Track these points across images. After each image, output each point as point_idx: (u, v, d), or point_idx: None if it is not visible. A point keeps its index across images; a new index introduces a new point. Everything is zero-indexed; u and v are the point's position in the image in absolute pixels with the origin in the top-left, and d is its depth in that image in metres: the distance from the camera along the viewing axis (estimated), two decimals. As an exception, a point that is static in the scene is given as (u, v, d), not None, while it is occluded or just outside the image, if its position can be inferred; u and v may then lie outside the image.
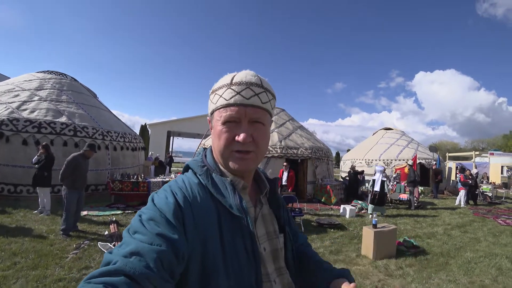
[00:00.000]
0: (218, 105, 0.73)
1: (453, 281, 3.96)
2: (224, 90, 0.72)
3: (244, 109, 0.71)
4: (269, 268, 0.76)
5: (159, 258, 0.56)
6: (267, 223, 0.82)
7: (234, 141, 0.71)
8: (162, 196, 0.68)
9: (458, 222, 7.87)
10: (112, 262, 0.55)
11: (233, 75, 0.74)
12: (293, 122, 12.69)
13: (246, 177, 0.79)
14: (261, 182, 0.86)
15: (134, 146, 10.90)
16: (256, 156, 0.74)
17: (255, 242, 0.71)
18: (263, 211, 0.82)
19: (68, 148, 8.23)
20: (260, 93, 0.73)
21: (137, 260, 0.55)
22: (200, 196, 0.69)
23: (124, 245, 0.59)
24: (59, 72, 11.17)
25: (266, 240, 0.79)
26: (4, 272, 3.48)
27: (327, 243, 5.51)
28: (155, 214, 0.63)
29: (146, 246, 0.57)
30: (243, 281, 0.66)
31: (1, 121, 7.73)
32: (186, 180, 0.74)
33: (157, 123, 27.74)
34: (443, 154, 22.64)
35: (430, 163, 14.71)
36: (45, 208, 6.27)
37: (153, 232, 0.59)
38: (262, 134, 0.74)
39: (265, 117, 0.75)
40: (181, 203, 0.66)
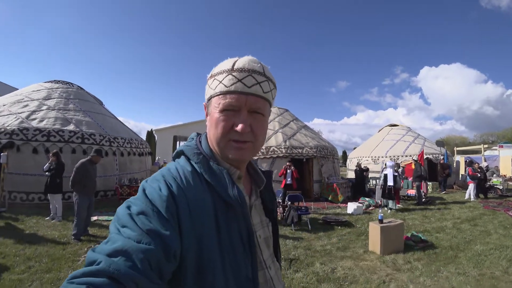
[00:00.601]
0: (217, 91, 0.69)
1: (462, 273, 3.94)
2: (224, 76, 0.68)
3: (245, 98, 0.67)
4: (264, 255, 0.77)
5: (146, 258, 0.52)
6: (260, 211, 0.82)
7: (231, 130, 0.68)
8: (155, 186, 0.63)
9: (467, 215, 7.79)
10: (96, 262, 0.51)
11: (235, 60, 0.70)
12: (297, 122, 12.72)
13: (241, 166, 0.76)
14: (256, 175, 0.84)
15: (140, 151, 11.06)
16: (254, 147, 0.71)
17: (251, 233, 0.69)
18: (256, 200, 0.82)
19: (77, 155, 8.39)
20: (262, 81, 0.69)
21: (122, 260, 0.51)
22: (195, 186, 0.66)
23: (110, 242, 0.54)
24: (65, 81, 11.43)
25: (261, 227, 0.79)
26: (19, 275, 3.59)
27: (334, 240, 5.52)
28: (147, 208, 0.58)
29: (134, 244, 0.53)
30: (239, 272, 0.65)
31: (12, 131, 7.95)
32: (180, 168, 0.69)
33: (163, 128, 28.08)
34: (451, 149, 22.34)
35: (438, 158, 14.55)
36: (57, 214, 6.42)
37: (143, 228, 0.55)
38: (261, 125, 0.71)
39: (265, 107, 0.72)
40: (176, 195, 0.61)
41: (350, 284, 3.63)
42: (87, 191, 5.28)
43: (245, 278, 0.66)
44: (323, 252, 4.83)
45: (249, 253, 0.68)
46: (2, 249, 4.50)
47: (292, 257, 4.51)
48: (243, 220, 0.69)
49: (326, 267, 4.16)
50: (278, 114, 12.61)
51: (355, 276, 3.87)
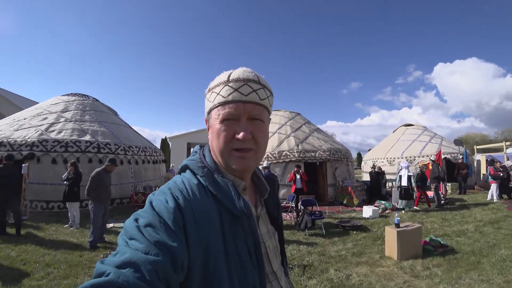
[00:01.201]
0: (215, 103, 0.71)
1: (486, 280, 3.74)
2: (221, 88, 0.71)
3: (243, 106, 0.69)
4: (274, 265, 0.77)
5: (154, 270, 0.52)
6: (266, 221, 0.82)
7: (233, 139, 0.69)
8: (161, 199, 0.64)
9: (490, 218, 7.44)
10: (105, 274, 0.51)
11: (230, 73, 0.73)
12: (309, 125, 12.61)
13: (245, 177, 0.77)
14: (260, 184, 0.84)
15: (155, 159, 11.28)
16: (256, 154, 0.72)
17: (258, 244, 0.69)
18: (263, 210, 0.82)
19: (93, 164, 8.65)
20: (258, 89, 0.71)
21: (131, 272, 0.51)
22: (201, 198, 0.66)
23: (118, 254, 0.55)
24: (81, 94, 11.87)
25: (268, 238, 0.79)
26: (38, 282, 3.71)
27: (349, 245, 5.39)
28: (154, 219, 0.59)
29: (142, 256, 0.53)
30: (247, 284, 0.65)
31: (32, 143, 8.31)
32: (186, 181, 0.70)
33: (177, 135, 28.50)
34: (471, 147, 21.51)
35: (456, 157, 14.03)
36: (75, 222, 6.62)
37: (151, 240, 0.56)
38: (261, 131, 0.72)
39: (263, 114, 0.73)
40: (182, 207, 0.62)
41: (365, 291, 3.52)
42: (102, 199, 5.43)
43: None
44: (338, 257, 4.73)
45: (257, 265, 0.68)
46: (23, 256, 4.67)
47: (305, 263, 4.44)
48: (249, 231, 0.69)
49: (341, 273, 4.06)
50: (290, 118, 12.55)
51: (371, 283, 3.75)
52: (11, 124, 9.41)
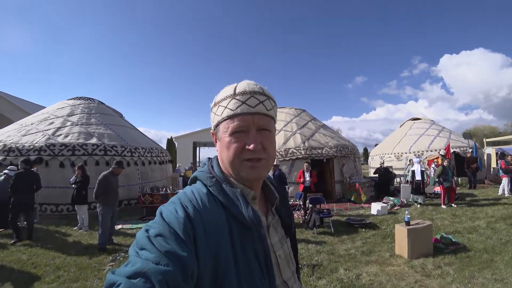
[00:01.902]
0: (224, 116, 0.72)
1: (500, 280, 3.65)
2: (228, 101, 0.72)
3: (251, 118, 0.71)
4: (286, 275, 0.76)
5: (165, 280, 0.53)
6: (278, 229, 0.82)
7: (244, 150, 0.70)
8: (171, 209, 0.65)
9: (503, 213, 7.28)
10: (116, 285, 0.52)
11: (235, 86, 0.74)
12: (315, 122, 12.51)
13: (255, 186, 0.77)
14: (270, 192, 0.85)
15: (161, 160, 11.32)
16: (267, 163, 0.74)
17: (268, 255, 0.70)
18: (274, 218, 0.82)
19: (100, 167, 8.72)
20: (264, 100, 0.73)
21: (141, 282, 0.52)
22: (210, 208, 0.67)
23: (130, 264, 0.56)
24: (87, 97, 11.95)
25: (280, 246, 0.79)
26: (49, 285, 3.76)
27: (358, 243, 5.33)
28: (164, 229, 0.60)
29: (152, 266, 0.54)
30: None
31: (40, 148, 8.40)
32: (196, 191, 0.71)
33: (183, 135, 28.66)
34: (480, 140, 21.11)
35: (466, 151, 13.77)
36: (84, 224, 6.68)
37: (161, 250, 0.56)
38: (270, 141, 0.74)
39: (270, 124, 0.75)
40: (192, 217, 0.63)
41: (376, 292, 3.47)
42: (110, 202, 5.46)
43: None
44: (347, 256, 4.68)
45: (267, 275, 0.68)
46: (34, 259, 4.73)
47: (315, 263, 4.40)
48: (259, 241, 0.69)
49: (350, 273, 4.01)
50: (296, 115, 12.46)
51: (381, 283, 3.70)
52: (18, 129, 9.52)
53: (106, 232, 5.37)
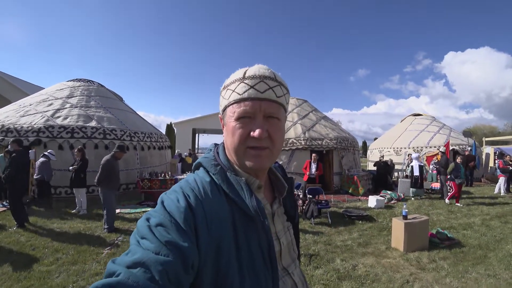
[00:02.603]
0: (231, 100, 0.70)
1: (493, 275, 3.71)
2: (237, 85, 0.70)
3: (259, 103, 0.68)
4: (286, 261, 0.77)
5: (165, 270, 0.52)
6: (281, 217, 0.81)
7: (249, 137, 0.68)
8: (173, 198, 0.64)
9: (498, 211, 7.36)
10: (115, 274, 0.52)
11: (246, 69, 0.72)
12: (317, 113, 12.46)
13: (260, 175, 0.75)
14: (278, 181, 0.83)
15: (160, 145, 11.28)
16: (272, 153, 0.71)
17: (272, 246, 0.68)
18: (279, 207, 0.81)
19: (99, 150, 8.70)
20: (274, 86, 0.70)
21: (141, 272, 0.51)
22: (213, 197, 0.66)
23: (130, 253, 0.55)
24: (86, 79, 11.78)
25: (283, 234, 0.79)
26: (48, 267, 3.77)
27: (355, 235, 5.39)
28: (165, 219, 0.59)
29: (152, 256, 0.53)
30: (259, 285, 0.64)
31: (39, 129, 8.32)
32: (198, 179, 0.70)
33: (182, 121, 28.50)
34: (479, 139, 21.17)
35: (465, 149, 13.82)
36: (82, 208, 6.70)
37: (162, 240, 0.56)
38: (277, 130, 0.71)
39: (280, 112, 0.72)
40: (194, 206, 0.62)
41: (372, 283, 3.52)
42: (112, 186, 5.49)
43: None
44: (344, 247, 4.73)
45: (270, 266, 0.67)
46: (32, 241, 4.75)
47: (312, 253, 4.45)
48: (263, 231, 0.68)
49: (347, 263, 4.06)
50: (297, 105, 12.39)
51: (377, 274, 3.75)
52: (17, 110, 9.41)
53: (113, 215, 5.46)
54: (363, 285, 3.47)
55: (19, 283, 3.33)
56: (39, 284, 3.30)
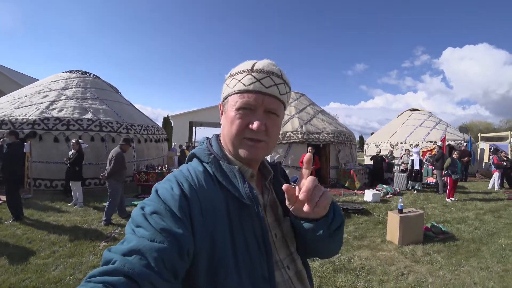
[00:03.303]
0: (235, 90, 0.71)
1: (485, 268, 3.79)
2: (243, 76, 0.70)
3: (262, 97, 0.69)
4: (281, 254, 0.75)
5: (160, 257, 0.53)
6: (275, 209, 0.80)
7: (247, 128, 0.69)
8: (166, 186, 0.65)
9: (491, 206, 7.47)
10: (111, 262, 0.52)
11: (254, 62, 0.72)
12: (314, 107, 12.45)
13: (253, 165, 0.77)
14: (265, 169, 0.84)
15: (157, 138, 11.22)
16: (267, 146, 0.72)
17: (266, 231, 0.69)
18: (270, 197, 0.80)
19: (95, 143, 8.63)
20: (279, 84, 0.71)
21: (137, 259, 0.52)
22: (206, 185, 0.67)
23: (125, 242, 0.56)
24: (82, 71, 11.59)
25: (277, 226, 0.78)
26: (44, 260, 3.77)
27: (351, 228, 5.45)
28: (159, 207, 0.60)
29: (148, 243, 0.54)
30: (255, 272, 0.64)
31: (34, 121, 8.21)
32: (192, 169, 0.71)
33: (179, 114, 28.32)
34: (475, 135, 21.35)
35: (460, 144, 13.93)
36: (78, 201, 6.67)
37: (157, 227, 0.56)
38: (275, 125, 0.72)
39: (280, 109, 0.73)
40: (187, 194, 0.63)
41: (367, 275, 3.57)
42: (122, 178, 5.67)
43: (261, 278, 0.65)
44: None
45: (264, 253, 0.67)
46: (29, 234, 4.73)
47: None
48: (257, 218, 0.68)
49: (342, 256, 4.11)
50: (295, 98, 12.35)
51: (372, 267, 3.81)
52: (11, 101, 9.26)
53: (115, 208, 5.59)
54: (359, 277, 3.52)
55: (16, 276, 3.33)
56: (36, 277, 3.30)
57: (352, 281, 3.43)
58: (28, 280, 3.24)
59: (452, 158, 8.37)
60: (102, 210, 6.35)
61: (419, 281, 3.44)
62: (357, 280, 3.45)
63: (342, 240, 0.82)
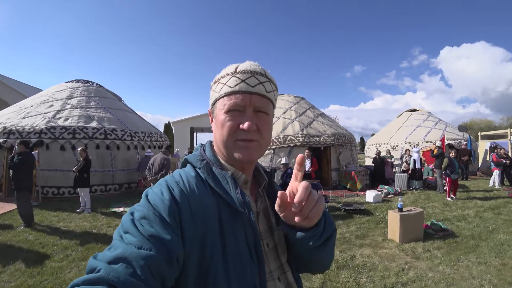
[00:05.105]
0: (222, 93, 0.71)
1: (483, 263, 3.91)
2: (228, 79, 0.71)
3: (249, 97, 0.69)
4: (272, 265, 0.73)
5: (147, 265, 0.52)
6: (268, 217, 0.78)
7: (238, 130, 0.68)
8: (157, 191, 0.64)
9: (491, 204, 7.58)
10: (96, 270, 0.51)
11: (237, 65, 0.72)
12: (314, 110, 12.62)
13: (247, 169, 0.76)
14: (259, 175, 0.82)
15: (160, 144, 11.40)
16: (260, 146, 0.71)
17: (258, 240, 0.68)
18: (263, 205, 0.79)
19: (101, 150, 8.84)
20: (264, 82, 0.71)
21: (122, 268, 0.51)
22: (198, 190, 0.66)
23: (112, 248, 0.55)
24: (85, 80, 11.85)
25: (269, 235, 0.76)
26: (59, 263, 3.93)
27: (353, 228, 5.57)
28: (149, 212, 0.59)
29: (135, 251, 0.53)
30: (245, 281, 0.62)
31: (40, 130, 8.43)
32: (184, 174, 0.70)
33: (180, 120, 28.56)
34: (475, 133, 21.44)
35: (460, 143, 14.05)
36: (86, 207, 6.83)
37: (145, 234, 0.55)
38: (266, 124, 0.72)
39: (268, 107, 0.73)
40: (178, 199, 0.62)
41: (369, 271, 3.70)
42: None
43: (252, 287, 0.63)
44: (342, 240, 4.91)
45: (256, 261, 0.66)
46: (41, 239, 4.89)
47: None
48: (249, 226, 0.68)
49: (345, 254, 4.25)
50: (294, 102, 12.54)
51: (373, 263, 3.94)
52: (18, 112, 9.49)
53: None
54: (361, 274, 3.65)
55: (33, 278, 3.49)
56: (53, 279, 3.46)
57: (354, 277, 3.57)
58: (45, 282, 3.39)
59: (449, 158, 8.47)
60: (109, 215, 6.53)
61: (419, 276, 3.57)
62: (359, 276, 3.59)
63: (334, 252, 0.81)
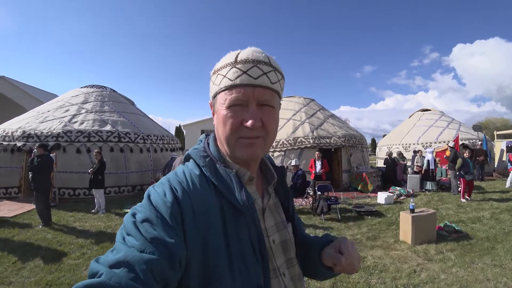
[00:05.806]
0: (221, 87, 0.65)
1: (498, 265, 3.82)
2: (228, 70, 0.65)
3: (252, 90, 0.63)
4: (278, 261, 0.72)
5: (149, 269, 0.51)
6: (275, 213, 0.77)
7: (241, 127, 0.64)
8: (159, 191, 0.62)
9: (508, 205, 7.36)
10: (98, 275, 0.50)
11: (237, 53, 0.66)
12: (324, 111, 12.59)
13: (252, 166, 0.72)
14: (268, 172, 0.79)
15: (172, 147, 11.65)
16: (265, 142, 0.67)
17: (262, 240, 0.66)
18: (270, 201, 0.77)
19: (115, 153, 9.09)
20: (268, 72, 0.65)
21: (124, 272, 0.50)
22: (201, 190, 0.63)
23: (115, 251, 0.54)
24: (99, 85, 12.23)
25: (276, 231, 0.74)
26: (76, 261, 4.09)
27: (364, 229, 5.54)
28: (151, 214, 0.57)
29: (137, 254, 0.52)
30: (250, 280, 0.61)
31: (58, 134, 8.76)
32: (187, 171, 0.68)
33: (191, 123, 29.00)
34: (490, 133, 20.84)
35: (475, 143, 13.70)
36: (101, 208, 7.04)
37: (147, 237, 0.54)
38: (271, 118, 0.67)
39: (274, 99, 0.67)
40: (181, 200, 0.60)
41: (380, 273, 3.68)
42: None
43: (256, 287, 0.62)
44: (353, 241, 4.87)
45: (260, 260, 0.65)
46: (58, 238, 5.08)
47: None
48: (253, 225, 0.66)
49: (355, 256, 4.22)
50: (304, 104, 12.55)
51: (385, 265, 3.91)
52: (36, 116, 9.88)
53: None
54: (372, 275, 3.64)
55: (51, 274, 3.64)
56: (70, 275, 3.61)
57: (365, 278, 3.56)
58: (63, 278, 3.54)
59: (463, 158, 8.27)
60: (123, 216, 6.67)
61: (431, 278, 3.53)
62: (370, 277, 3.57)
63: None
